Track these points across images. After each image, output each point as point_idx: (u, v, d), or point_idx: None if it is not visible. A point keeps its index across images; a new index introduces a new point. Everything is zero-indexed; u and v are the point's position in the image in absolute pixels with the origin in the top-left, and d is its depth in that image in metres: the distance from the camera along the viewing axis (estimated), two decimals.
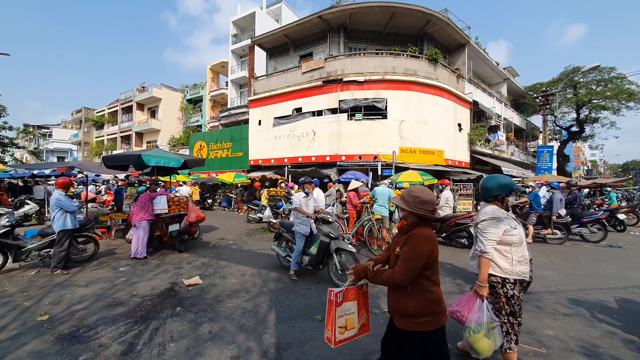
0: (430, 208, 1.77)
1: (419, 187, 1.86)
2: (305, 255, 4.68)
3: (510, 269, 2.33)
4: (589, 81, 23.20)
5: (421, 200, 1.76)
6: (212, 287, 4.29)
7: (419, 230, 1.74)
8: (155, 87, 31.57)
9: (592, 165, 71.14)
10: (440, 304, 1.73)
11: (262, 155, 17.90)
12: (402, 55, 15.21)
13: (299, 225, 4.69)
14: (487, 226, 2.36)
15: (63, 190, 5.41)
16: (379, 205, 6.56)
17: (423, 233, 1.72)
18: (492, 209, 2.43)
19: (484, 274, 2.33)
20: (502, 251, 2.35)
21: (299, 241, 4.66)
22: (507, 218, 2.37)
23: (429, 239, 1.70)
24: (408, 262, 1.66)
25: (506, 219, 2.36)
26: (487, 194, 2.53)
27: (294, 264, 4.68)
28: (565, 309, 3.64)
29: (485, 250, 2.33)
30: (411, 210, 1.78)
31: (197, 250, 6.55)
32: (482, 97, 18.98)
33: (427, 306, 1.68)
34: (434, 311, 1.69)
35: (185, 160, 6.68)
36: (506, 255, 2.34)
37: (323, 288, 4.29)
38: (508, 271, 2.33)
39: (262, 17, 24.55)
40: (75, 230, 5.62)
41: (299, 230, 4.68)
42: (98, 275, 5.05)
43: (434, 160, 14.97)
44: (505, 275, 2.34)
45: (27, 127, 45.81)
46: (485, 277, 2.33)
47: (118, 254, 6.48)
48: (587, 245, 7.58)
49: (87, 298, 4.08)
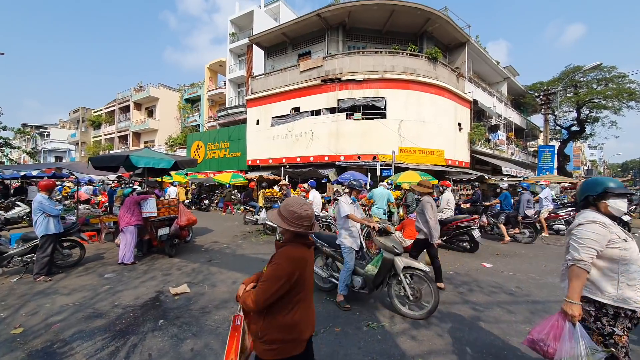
0: (306, 223, 1.60)
1: (296, 199, 1.67)
2: (357, 275, 3.81)
3: (614, 294, 1.79)
4: (590, 80, 23.00)
5: (298, 216, 1.58)
6: (200, 297, 4.04)
7: (287, 249, 1.58)
8: (153, 86, 31.28)
9: (592, 164, 71.09)
10: (293, 331, 1.54)
11: (260, 155, 17.67)
12: (401, 53, 14.98)
13: (348, 238, 3.82)
14: (585, 230, 1.87)
15: (46, 193, 5.17)
16: (377, 208, 6.32)
17: (290, 253, 1.56)
18: (591, 213, 1.96)
19: (576, 289, 1.80)
20: (605, 268, 1.84)
21: (348, 258, 3.77)
22: (614, 226, 1.88)
23: (294, 260, 1.53)
24: (265, 283, 1.50)
25: (612, 226, 1.86)
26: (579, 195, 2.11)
27: (342, 287, 3.75)
28: None
29: (580, 257, 1.82)
30: (287, 228, 1.60)
31: (188, 255, 6.31)
32: (482, 96, 18.76)
33: (275, 331, 1.51)
34: (282, 339, 1.52)
35: (177, 161, 6.43)
36: (610, 275, 1.82)
37: (319, 297, 4.03)
38: (611, 296, 1.80)
39: (261, 15, 24.31)
40: (60, 235, 5.39)
41: (347, 244, 3.81)
42: (82, 282, 4.81)
43: (433, 160, 14.74)
44: (605, 301, 1.81)
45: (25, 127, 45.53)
46: (577, 293, 1.80)
47: (106, 258, 6.24)
48: None
49: (67, 308, 3.84)
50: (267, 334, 1.51)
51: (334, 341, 2.94)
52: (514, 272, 5.25)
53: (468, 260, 6.07)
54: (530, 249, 7.23)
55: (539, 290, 4.38)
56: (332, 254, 4.05)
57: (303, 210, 1.59)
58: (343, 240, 3.83)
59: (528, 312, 3.63)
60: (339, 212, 3.91)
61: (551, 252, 6.95)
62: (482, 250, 6.70)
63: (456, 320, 3.42)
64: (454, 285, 4.62)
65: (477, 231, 6.34)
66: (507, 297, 4.12)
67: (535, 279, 4.86)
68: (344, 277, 3.75)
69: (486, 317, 3.48)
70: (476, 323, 3.31)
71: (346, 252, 3.80)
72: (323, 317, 3.46)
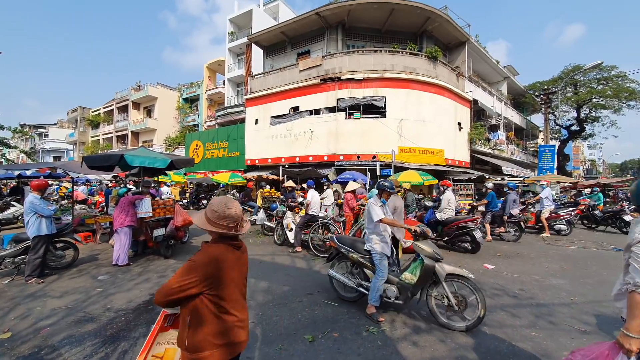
0: (229, 223, 1.51)
1: (221, 199, 1.59)
2: (390, 284, 3.46)
3: None
4: (590, 80, 22.96)
5: (218, 215, 1.51)
6: None
7: (205, 247, 1.51)
8: (151, 85, 31.11)
9: (591, 164, 71.14)
10: (225, 335, 1.46)
11: (259, 155, 17.55)
12: (401, 52, 14.87)
13: (379, 244, 3.47)
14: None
15: (38, 193, 5.04)
16: None
17: (208, 251, 1.48)
18: None
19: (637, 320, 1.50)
20: None
21: (381, 265, 3.41)
22: None
23: (211, 260, 1.45)
24: (174, 278, 1.42)
25: None
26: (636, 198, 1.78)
27: (375, 297, 3.38)
28: (582, 325, 3.30)
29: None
30: (208, 228, 1.52)
31: (184, 256, 6.18)
32: (482, 95, 18.67)
33: (204, 339, 1.42)
34: (214, 344, 1.43)
35: (172, 160, 6.32)
36: None
37: (316, 300, 3.93)
38: None
39: (260, 14, 24.18)
40: (53, 236, 5.27)
41: (379, 250, 3.44)
42: (75, 284, 4.70)
43: (433, 160, 14.65)
44: None
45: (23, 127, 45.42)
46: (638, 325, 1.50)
47: (101, 259, 6.12)
48: (595, 249, 7.26)
49: (58, 312, 3.73)
50: (193, 343, 1.42)
51: (333, 347, 2.83)
52: (517, 273, 5.14)
53: (469, 261, 5.97)
54: (532, 249, 7.13)
55: (542, 292, 4.27)
56: (360, 261, 3.67)
57: (224, 209, 1.51)
58: (374, 246, 3.49)
59: (533, 315, 3.52)
60: (369, 216, 3.59)
61: (553, 252, 6.85)
62: (483, 251, 6.60)
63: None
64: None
65: (478, 232, 6.24)
66: (511, 300, 4.01)
67: (539, 281, 4.76)
68: (377, 286, 3.40)
69: (490, 320, 3.37)
70: (479, 327, 3.20)
71: (378, 259, 3.45)
72: (321, 321, 3.35)
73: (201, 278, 1.40)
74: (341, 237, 4.05)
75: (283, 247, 6.97)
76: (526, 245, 7.57)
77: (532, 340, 2.97)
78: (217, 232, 1.52)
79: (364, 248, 3.64)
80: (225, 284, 1.47)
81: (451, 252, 6.66)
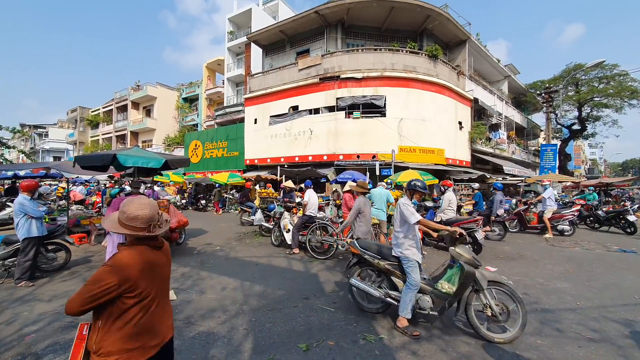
0: (140, 224, 1.44)
1: (131, 199, 1.53)
2: (423, 293, 3.16)
3: None
4: (591, 78, 22.78)
5: (127, 216, 1.45)
6: (185, 305, 3.79)
7: (121, 252, 1.45)
8: (150, 85, 31.00)
9: (593, 163, 70.88)
10: (137, 339, 1.40)
11: (258, 155, 17.42)
12: (401, 51, 14.73)
13: (411, 249, 3.18)
14: None
15: (28, 194, 4.91)
16: (375, 209, 6.07)
17: (123, 254, 1.42)
18: None
19: None
20: None
21: (414, 274, 3.09)
22: None
23: (127, 264, 1.39)
24: (85, 285, 1.36)
25: None
26: None
27: (407, 309, 3.07)
28: (590, 332, 3.15)
29: None
30: (118, 231, 1.47)
31: (179, 258, 6.05)
32: (483, 94, 18.52)
33: (113, 343, 1.36)
34: (123, 349, 1.37)
35: (167, 160, 6.17)
36: None
37: (312, 305, 3.79)
38: None
39: (259, 14, 24.04)
40: (44, 238, 5.15)
41: (411, 256, 3.16)
42: (65, 287, 4.57)
43: (434, 159, 14.50)
44: None
45: (23, 127, 45.41)
46: None
47: (94, 262, 6.00)
48: (600, 250, 7.11)
49: (45, 317, 3.60)
50: (103, 347, 1.36)
51: (328, 357, 2.69)
52: (520, 276, 4.99)
53: None
54: (535, 251, 6.98)
55: (547, 297, 4.13)
56: (388, 269, 3.35)
57: (133, 210, 1.45)
58: (406, 252, 3.18)
59: (538, 322, 3.37)
60: (401, 218, 3.24)
61: (556, 254, 6.70)
62: (485, 252, 6.44)
63: (460, 332, 3.17)
64: None
65: (480, 233, 6.10)
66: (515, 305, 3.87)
67: (543, 284, 4.61)
68: (410, 296, 3.08)
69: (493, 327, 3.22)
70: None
71: (411, 267, 3.13)
72: (316, 328, 3.20)
73: (119, 281, 1.34)
74: (364, 242, 3.72)
75: (280, 249, 6.84)
76: (529, 247, 7.42)
77: (538, 349, 2.82)
78: (130, 234, 1.46)
79: (393, 254, 3.32)
80: (144, 285, 1.42)
81: None
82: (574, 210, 9.11)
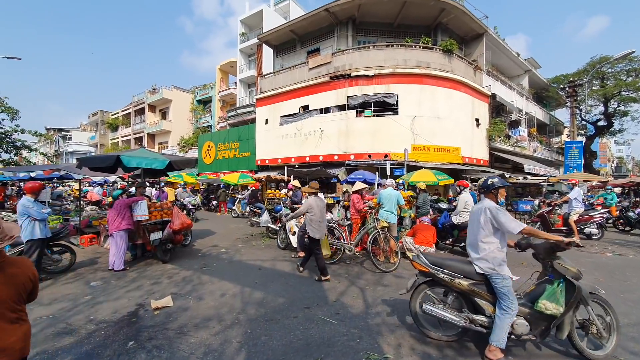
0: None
1: None
2: (518, 316, 2.67)
3: None
4: (619, 71, 21.46)
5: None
6: (181, 312, 3.62)
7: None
8: (166, 88, 31.66)
9: (620, 161, 67.26)
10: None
11: (269, 155, 17.34)
12: (414, 46, 14.25)
13: (504, 265, 2.71)
14: None
15: (32, 195, 4.92)
16: (385, 211, 5.74)
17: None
18: None
19: None
20: None
21: (510, 294, 2.62)
22: None
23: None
24: None
25: None
26: None
27: (502, 337, 2.59)
28: (629, 356, 2.74)
29: None
30: None
31: (183, 261, 5.94)
32: (501, 90, 17.69)
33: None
34: None
35: (171, 161, 6.09)
36: None
37: (313, 316, 3.52)
38: None
39: (270, 14, 24.03)
40: (49, 240, 5.15)
41: (507, 273, 2.68)
42: (66, 290, 4.51)
43: (449, 158, 13.94)
44: None
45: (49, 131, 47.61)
46: None
47: (100, 263, 5.98)
48: (632, 256, 6.50)
49: (41, 322, 3.52)
50: None
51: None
52: None
53: None
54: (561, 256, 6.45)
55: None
56: (473, 290, 2.79)
57: None
58: (499, 269, 2.66)
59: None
60: (493, 226, 2.71)
61: (585, 260, 6.16)
62: None
63: (481, 350, 2.83)
64: None
65: None
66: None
67: None
68: (507, 322, 2.58)
69: (516, 348, 2.87)
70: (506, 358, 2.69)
71: (507, 286, 2.62)
72: (315, 343, 2.93)
73: None
74: (432, 256, 3.08)
75: (286, 252, 6.62)
76: None
77: None
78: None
79: (478, 271, 2.77)
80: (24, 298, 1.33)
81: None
82: (602, 212, 8.44)
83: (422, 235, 5.97)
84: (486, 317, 2.79)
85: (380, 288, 4.41)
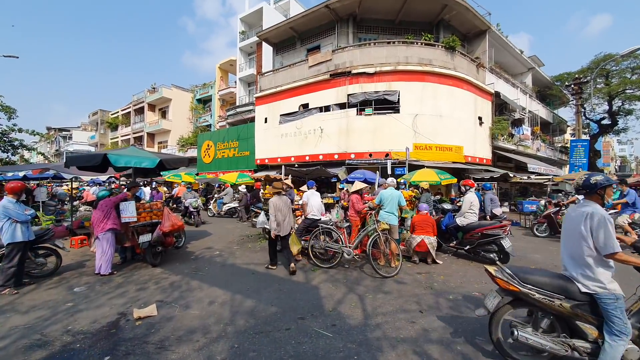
0: None
1: None
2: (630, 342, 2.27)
3: None
4: (623, 69, 21.12)
5: None
6: (165, 322, 3.35)
7: None
8: (165, 87, 31.43)
9: (623, 161, 66.71)
10: None
11: (269, 154, 17.08)
12: (415, 43, 13.95)
13: (615, 282, 2.31)
14: None
15: (13, 196, 4.66)
16: (386, 213, 5.45)
17: None
18: None
19: None
20: None
21: (623, 316, 2.23)
22: None
23: None
24: None
25: None
26: None
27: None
28: None
29: None
30: None
31: (174, 264, 5.68)
32: (504, 88, 17.37)
33: None
34: None
35: (162, 160, 5.83)
36: None
37: (307, 329, 3.23)
38: None
39: (270, 12, 23.76)
40: (32, 242, 4.89)
41: (618, 291, 2.27)
42: (48, 296, 4.26)
43: (451, 157, 13.64)
44: None
45: (49, 130, 47.57)
46: None
47: (87, 266, 5.72)
48: None
49: (16, 332, 3.28)
50: None
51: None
52: None
53: None
54: None
55: None
56: (577, 313, 2.36)
57: None
58: (610, 287, 2.26)
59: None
60: (603, 240, 2.23)
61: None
62: (513, 262, 5.65)
63: None
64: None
65: (507, 240, 5.36)
66: None
67: None
68: (621, 350, 2.19)
69: None
70: None
71: (619, 307, 2.22)
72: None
73: None
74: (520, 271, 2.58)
75: (281, 254, 6.32)
76: None
77: None
78: None
79: (581, 290, 2.33)
80: None
81: (474, 264, 5.78)
82: (614, 213, 8.10)
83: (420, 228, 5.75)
84: (589, 342, 2.36)
85: (380, 296, 4.13)
